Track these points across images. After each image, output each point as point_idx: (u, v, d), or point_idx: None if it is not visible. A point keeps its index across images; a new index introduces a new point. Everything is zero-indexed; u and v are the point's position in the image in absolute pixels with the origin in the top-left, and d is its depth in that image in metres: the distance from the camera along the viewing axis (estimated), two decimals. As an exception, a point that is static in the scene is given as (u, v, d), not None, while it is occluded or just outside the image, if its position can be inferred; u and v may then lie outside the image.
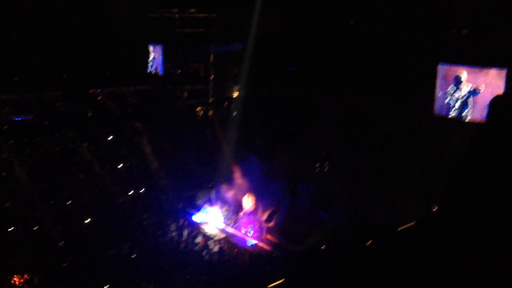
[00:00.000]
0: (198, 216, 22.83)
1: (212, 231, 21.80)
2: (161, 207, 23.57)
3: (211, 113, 29.68)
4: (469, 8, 16.52)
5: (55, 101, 26.30)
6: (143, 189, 24.31)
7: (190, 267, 18.93)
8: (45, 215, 21.32)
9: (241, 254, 19.89)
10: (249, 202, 22.59)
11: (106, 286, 17.47)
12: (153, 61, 29.81)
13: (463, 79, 17.32)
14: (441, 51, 17.78)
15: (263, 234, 20.93)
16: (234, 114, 27.14)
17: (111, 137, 25.76)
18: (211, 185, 24.60)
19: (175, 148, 26.09)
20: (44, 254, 19.37)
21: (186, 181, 25.23)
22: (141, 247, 20.20)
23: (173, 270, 18.63)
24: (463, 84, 17.32)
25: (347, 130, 20.40)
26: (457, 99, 17.54)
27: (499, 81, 16.23)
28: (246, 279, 17.22)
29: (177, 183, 24.83)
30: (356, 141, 20.07)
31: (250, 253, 19.85)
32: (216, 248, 20.30)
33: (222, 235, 21.32)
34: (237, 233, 21.39)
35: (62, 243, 20.24)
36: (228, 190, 23.48)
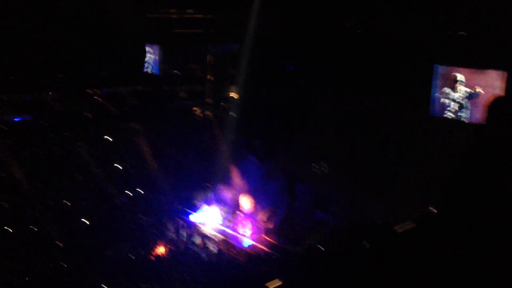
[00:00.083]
0: (196, 216, 22.83)
1: (210, 231, 21.80)
2: (160, 208, 23.57)
3: (209, 113, 29.69)
4: (468, 9, 16.57)
5: (52, 101, 26.30)
6: (141, 189, 24.31)
7: (188, 268, 18.94)
8: (43, 215, 21.30)
9: (239, 254, 19.90)
10: (247, 202, 22.59)
11: (104, 286, 17.47)
12: (149, 62, 29.83)
13: (460, 80, 17.34)
14: (439, 52, 17.82)
15: (261, 234, 20.93)
16: (232, 114, 27.15)
17: (109, 138, 25.75)
18: (209, 185, 24.59)
19: (173, 148, 26.08)
20: (42, 254, 19.34)
21: (184, 181, 25.24)
22: (139, 247, 20.21)
23: (171, 270, 18.64)
24: (460, 84, 17.33)
25: (344, 130, 20.44)
26: (454, 100, 17.57)
27: (499, 82, 16.14)
28: (244, 279, 17.26)
29: (175, 184, 24.83)
30: (353, 141, 20.11)
31: (248, 254, 19.85)
32: (214, 248, 20.30)
33: (220, 236, 21.32)
34: (235, 233, 21.40)
35: (60, 243, 20.23)
36: (226, 190, 23.47)
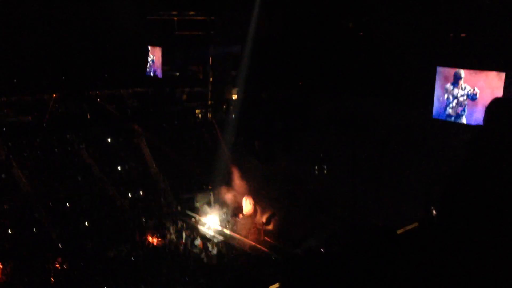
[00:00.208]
0: (197, 218, 22.83)
1: (211, 233, 21.80)
2: (160, 209, 23.57)
3: (210, 115, 29.73)
4: (468, 12, 16.59)
5: (54, 103, 26.36)
6: (142, 191, 24.32)
7: (189, 269, 18.93)
8: (43, 217, 21.31)
9: (239, 256, 19.89)
10: (248, 204, 22.60)
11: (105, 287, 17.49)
12: (151, 64, 29.84)
13: (463, 76, 17.32)
14: (440, 54, 17.84)
15: (262, 236, 20.93)
16: (233, 116, 27.18)
17: (110, 139, 25.79)
18: (210, 187, 24.61)
19: (174, 150, 26.10)
20: (43, 256, 19.34)
21: (185, 183, 25.26)
22: (140, 249, 20.21)
23: (172, 272, 18.63)
24: (462, 81, 17.31)
25: (345, 132, 20.43)
26: (455, 97, 17.54)
27: (498, 82, 16.20)
28: (244, 281, 17.22)
29: (176, 185, 24.86)
30: (354, 143, 20.10)
31: (248, 256, 19.85)
32: (215, 250, 20.29)
33: (221, 238, 21.31)
34: (235, 235, 21.39)
35: (61, 245, 20.24)
36: (227, 192, 23.48)
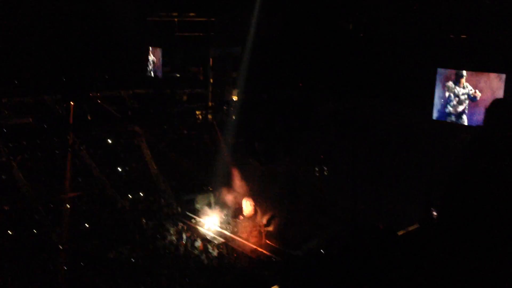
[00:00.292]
0: (197, 220, 22.80)
1: (211, 235, 21.77)
2: (160, 211, 23.54)
3: (210, 116, 29.72)
4: (468, 13, 16.59)
5: (54, 104, 26.35)
6: (142, 192, 24.29)
7: (189, 271, 18.91)
8: (44, 218, 21.29)
9: (240, 258, 19.86)
10: (248, 206, 22.57)
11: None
12: (152, 65, 29.86)
13: (464, 74, 17.31)
14: (440, 55, 17.85)
15: (262, 238, 20.90)
16: (233, 117, 27.16)
17: (110, 140, 25.76)
18: (211, 188, 24.58)
19: (174, 151, 26.08)
20: (43, 257, 19.32)
21: (185, 184, 25.23)
22: (140, 250, 20.19)
23: (172, 273, 18.61)
24: (464, 79, 17.30)
25: (346, 133, 20.42)
26: (457, 95, 17.53)
27: (499, 83, 16.22)
28: (245, 283, 17.21)
29: (176, 187, 24.83)
30: (355, 144, 20.09)
31: (249, 257, 19.82)
32: (215, 252, 20.27)
33: (221, 239, 21.29)
34: (236, 237, 21.36)
35: (61, 246, 20.21)
36: (227, 194, 23.45)
